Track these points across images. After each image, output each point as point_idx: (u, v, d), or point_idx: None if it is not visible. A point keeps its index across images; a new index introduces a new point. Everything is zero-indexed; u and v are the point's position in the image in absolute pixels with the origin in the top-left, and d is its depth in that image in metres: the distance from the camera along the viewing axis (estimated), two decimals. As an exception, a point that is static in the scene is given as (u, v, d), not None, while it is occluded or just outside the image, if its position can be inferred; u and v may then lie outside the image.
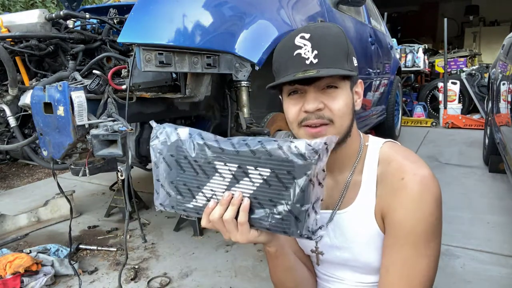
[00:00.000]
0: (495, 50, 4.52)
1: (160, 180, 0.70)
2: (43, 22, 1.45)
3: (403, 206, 0.72)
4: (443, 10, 9.83)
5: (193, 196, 0.67)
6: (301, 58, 0.72)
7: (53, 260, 1.81)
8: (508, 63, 2.59)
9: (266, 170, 0.61)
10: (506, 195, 2.68)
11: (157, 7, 1.27)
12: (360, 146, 0.82)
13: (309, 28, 0.74)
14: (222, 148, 0.64)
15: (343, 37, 0.74)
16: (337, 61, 0.72)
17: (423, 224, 0.71)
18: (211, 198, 0.66)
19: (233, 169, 0.64)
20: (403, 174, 0.74)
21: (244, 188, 0.63)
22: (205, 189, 0.66)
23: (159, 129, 0.71)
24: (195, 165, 0.66)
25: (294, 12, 1.88)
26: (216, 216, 0.64)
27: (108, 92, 1.28)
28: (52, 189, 2.89)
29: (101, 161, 1.34)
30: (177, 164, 0.68)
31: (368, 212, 0.77)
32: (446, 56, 5.57)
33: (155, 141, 0.70)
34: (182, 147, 0.67)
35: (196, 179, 0.67)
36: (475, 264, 1.82)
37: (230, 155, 0.64)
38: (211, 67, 1.37)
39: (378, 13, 4.11)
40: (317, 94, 0.73)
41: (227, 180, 0.64)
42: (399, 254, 0.72)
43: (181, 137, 0.68)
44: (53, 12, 1.50)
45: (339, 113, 0.73)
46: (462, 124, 5.22)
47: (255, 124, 1.66)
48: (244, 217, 0.63)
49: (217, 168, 0.65)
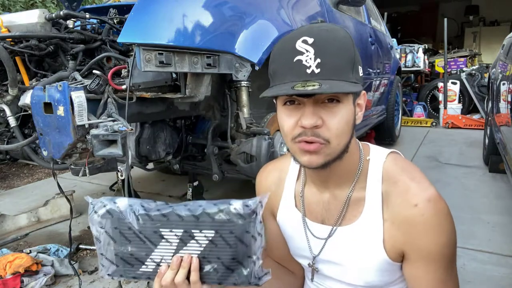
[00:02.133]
0: (495, 50, 4.51)
1: (104, 254, 0.70)
2: (43, 22, 1.45)
3: (425, 234, 0.70)
4: (443, 10, 9.83)
5: (142, 263, 0.69)
6: (301, 66, 0.64)
7: (53, 260, 1.81)
8: (508, 63, 2.59)
9: (211, 231, 0.65)
10: (506, 195, 2.68)
11: (157, 7, 1.26)
12: (360, 160, 0.78)
13: (312, 31, 0.66)
14: (165, 216, 0.67)
15: (349, 43, 0.67)
16: (342, 72, 0.65)
17: (449, 246, 0.72)
18: (160, 262, 0.68)
19: (179, 233, 0.67)
20: (415, 199, 0.71)
21: (191, 249, 0.67)
22: (153, 255, 0.68)
23: (96, 203, 0.71)
24: (140, 235, 0.68)
25: (294, 12, 1.88)
26: (169, 280, 0.65)
27: (108, 92, 1.28)
28: (52, 189, 2.88)
29: (101, 161, 1.34)
30: (122, 235, 0.68)
31: (375, 237, 0.74)
32: (446, 56, 5.57)
33: (94, 216, 0.70)
34: (125, 220, 0.68)
35: (142, 247, 0.68)
36: (475, 264, 1.82)
37: (175, 222, 0.66)
38: (211, 67, 1.37)
39: (378, 13, 4.10)
40: (316, 109, 0.66)
41: (174, 245, 0.67)
42: (436, 279, 0.72)
43: (121, 208, 0.68)
44: (53, 12, 1.50)
45: (337, 132, 0.67)
46: (462, 124, 5.22)
47: (255, 124, 1.66)
48: (196, 276, 0.66)
49: (163, 235, 0.67)
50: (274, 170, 0.92)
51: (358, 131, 3.03)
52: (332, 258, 0.81)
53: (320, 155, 0.68)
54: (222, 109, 1.81)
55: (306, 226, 0.83)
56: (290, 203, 0.87)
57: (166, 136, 1.74)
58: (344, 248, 0.78)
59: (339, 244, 0.79)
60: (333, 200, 0.80)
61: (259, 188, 0.95)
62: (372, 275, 0.76)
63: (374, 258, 0.75)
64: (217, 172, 1.74)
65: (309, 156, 0.69)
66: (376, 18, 3.92)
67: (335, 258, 0.80)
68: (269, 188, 0.91)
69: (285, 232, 0.89)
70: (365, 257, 0.76)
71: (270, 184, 0.91)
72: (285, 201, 0.88)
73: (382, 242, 0.73)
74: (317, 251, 0.82)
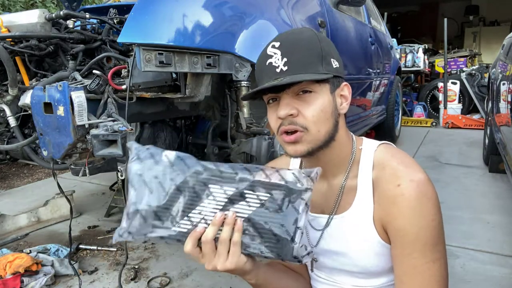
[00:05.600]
0: (495, 50, 4.52)
1: (134, 205, 0.63)
2: (43, 22, 1.45)
3: (403, 214, 0.71)
4: (443, 10, 9.84)
5: (176, 221, 0.63)
6: (271, 67, 0.72)
7: (53, 260, 1.81)
8: (508, 63, 2.60)
9: (265, 194, 0.62)
10: (506, 195, 2.68)
11: (157, 7, 1.27)
12: (353, 150, 0.81)
13: (280, 36, 0.75)
14: (220, 171, 0.63)
15: (315, 40, 0.73)
16: (309, 66, 0.71)
17: (426, 230, 0.70)
18: (198, 223, 0.63)
19: (230, 191, 0.62)
20: (399, 180, 0.72)
21: (239, 210, 0.62)
22: (193, 213, 0.63)
23: (141, 149, 0.66)
24: (185, 188, 0.62)
25: (294, 12, 1.89)
26: (209, 237, 0.62)
27: (108, 92, 1.28)
28: (52, 189, 2.89)
29: (101, 161, 1.34)
30: (161, 187, 0.63)
31: (367, 219, 0.76)
32: (446, 56, 5.57)
33: (135, 162, 0.65)
34: (172, 168, 0.63)
35: (183, 202, 0.63)
36: (475, 264, 1.82)
37: (229, 178, 0.62)
38: (211, 67, 1.37)
39: (378, 13, 4.11)
40: (291, 100, 0.72)
41: (220, 204, 0.62)
42: (408, 263, 0.72)
43: (170, 158, 0.64)
44: (53, 12, 1.50)
45: (313, 119, 0.72)
46: (462, 124, 5.22)
47: (255, 124, 1.66)
48: (238, 237, 0.62)
49: (211, 191, 0.62)
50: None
51: (358, 131, 3.03)
52: (330, 248, 0.82)
53: (303, 143, 0.73)
54: (222, 109, 1.81)
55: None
56: None
57: (166, 136, 1.74)
58: (340, 236, 0.80)
59: (335, 233, 0.81)
60: (329, 190, 0.82)
61: None
62: (369, 260, 0.78)
63: (369, 242, 0.76)
64: (217, 172, 1.74)
65: (292, 146, 0.75)
66: (376, 18, 3.92)
67: (333, 247, 0.81)
68: None
69: None
70: (361, 242, 0.77)
71: None
72: None
73: (372, 222, 0.76)
74: (315, 243, 0.83)
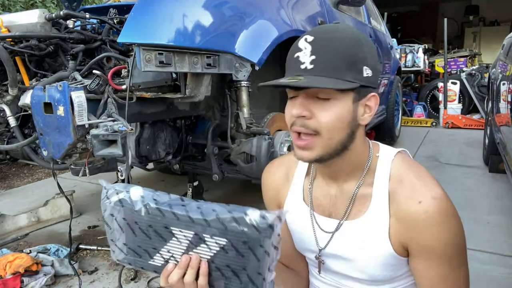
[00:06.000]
0: (495, 50, 4.52)
1: (113, 241, 0.69)
2: (43, 22, 1.45)
3: (427, 232, 0.71)
4: (443, 10, 9.83)
5: (150, 257, 0.67)
6: (298, 62, 0.69)
7: (53, 260, 1.81)
8: (508, 63, 2.60)
9: (223, 239, 0.62)
10: (506, 195, 2.68)
11: (157, 7, 1.26)
12: (369, 157, 0.79)
13: (316, 30, 0.71)
14: (176, 215, 0.64)
15: (351, 43, 0.68)
16: (334, 70, 0.67)
17: (452, 245, 0.72)
18: (169, 259, 0.66)
19: (189, 235, 0.64)
20: (420, 197, 0.71)
21: (201, 252, 0.64)
22: (162, 251, 0.66)
23: (109, 189, 0.69)
24: (150, 230, 0.66)
25: (294, 12, 1.89)
26: (175, 279, 0.65)
27: (108, 92, 1.28)
28: (52, 189, 2.89)
29: (101, 161, 1.34)
30: (130, 227, 0.67)
31: (381, 231, 0.75)
32: (446, 56, 5.57)
33: (106, 201, 0.68)
34: (134, 211, 0.66)
35: (151, 242, 0.66)
36: (475, 264, 1.82)
37: (186, 222, 0.64)
38: (211, 67, 1.37)
39: (378, 13, 4.11)
40: (307, 101, 0.70)
41: (184, 245, 0.65)
42: (436, 274, 0.73)
43: (133, 199, 0.66)
44: (53, 12, 1.50)
45: (327, 125, 0.69)
46: (462, 124, 5.22)
47: (255, 124, 1.66)
48: (204, 281, 0.64)
49: (173, 233, 0.64)
50: (282, 166, 0.94)
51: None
52: (338, 252, 0.81)
53: (312, 150, 0.72)
54: (222, 109, 1.81)
55: (313, 219, 0.84)
56: (298, 196, 0.88)
57: (166, 136, 1.75)
58: (350, 242, 0.79)
59: (345, 238, 0.80)
60: (340, 195, 0.81)
61: (266, 183, 0.96)
62: (377, 269, 0.77)
63: (380, 252, 0.76)
64: (217, 172, 1.74)
65: (300, 151, 0.73)
66: (376, 18, 3.92)
67: (341, 252, 0.81)
68: (276, 182, 0.92)
69: (291, 225, 0.90)
70: (371, 251, 0.77)
71: (278, 179, 0.93)
72: (293, 194, 0.89)
73: (388, 236, 0.75)
74: (324, 245, 0.83)
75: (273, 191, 0.93)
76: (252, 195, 1.02)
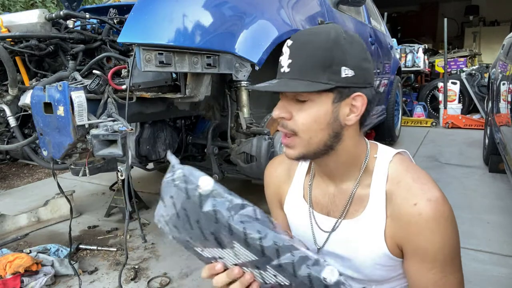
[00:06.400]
0: (495, 50, 4.52)
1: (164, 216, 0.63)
2: (43, 22, 1.45)
3: (421, 234, 0.71)
4: (443, 10, 9.84)
5: (203, 247, 0.63)
6: (280, 65, 0.73)
7: (53, 260, 1.81)
8: (508, 63, 2.60)
9: (286, 280, 0.61)
10: (506, 195, 2.68)
11: (157, 7, 1.27)
12: (365, 159, 0.79)
13: (296, 35, 0.73)
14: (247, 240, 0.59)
15: (327, 45, 0.68)
16: (308, 72, 0.68)
17: (445, 248, 0.71)
18: (217, 259, 0.63)
19: (251, 258, 0.60)
20: (415, 199, 0.71)
21: (256, 274, 0.62)
22: (213, 251, 0.62)
23: (177, 170, 0.62)
24: (210, 235, 0.60)
25: (294, 12, 1.89)
26: (220, 283, 0.65)
27: (108, 92, 1.28)
28: (52, 189, 2.88)
29: (101, 161, 1.34)
30: (188, 222, 0.60)
31: (377, 231, 0.76)
32: (446, 56, 5.57)
33: (170, 183, 0.62)
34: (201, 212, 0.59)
35: (205, 242, 0.61)
36: (475, 264, 1.82)
37: (255, 249, 0.59)
38: (211, 67, 1.37)
39: (378, 13, 4.11)
40: (288, 103, 0.72)
41: (241, 261, 0.61)
42: (428, 277, 0.73)
43: (202, 191, 0.60)
44: (53, 12, 1.50)
45: (303, 127, 0.71)
46: (462, 124, 5.22)
47: (255, 124, 1.66)
48: None
49: (234, 247, 0.60)
50: (284, 163, 0.95)
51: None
52: (335, 251, 0.82)
53: (294, 148, 0.75)
54: (222, 109, 1.81)
55: (312, 216, 0.85)
56: (298, 193, 0.89)
57: (166, 136, 1.75)
58: (346, 242, 0.80)
59: (342, 238, 0.81)
60: (338, 194, 0.82)
61: (268, 179, 0.97)
62: (373, 269, 0.78)
63: (376, 252, 0.76)
64: (217, 172, 1.74)
65: (286, 149, 0.77)
66: (376, 18, 3.92)
67: (338, 250, 0.82)
68: (278, 178, 0.94)
69: (291, 221, 0.91)
70: (367, 251, 0.77)
71: (279, 175, 0.94)
72: (293, 191, 0.90)
73: (383, 236, 0.75)
74: (321, 243, 0.84)
75: (274, 187, 0.95)
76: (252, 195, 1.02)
